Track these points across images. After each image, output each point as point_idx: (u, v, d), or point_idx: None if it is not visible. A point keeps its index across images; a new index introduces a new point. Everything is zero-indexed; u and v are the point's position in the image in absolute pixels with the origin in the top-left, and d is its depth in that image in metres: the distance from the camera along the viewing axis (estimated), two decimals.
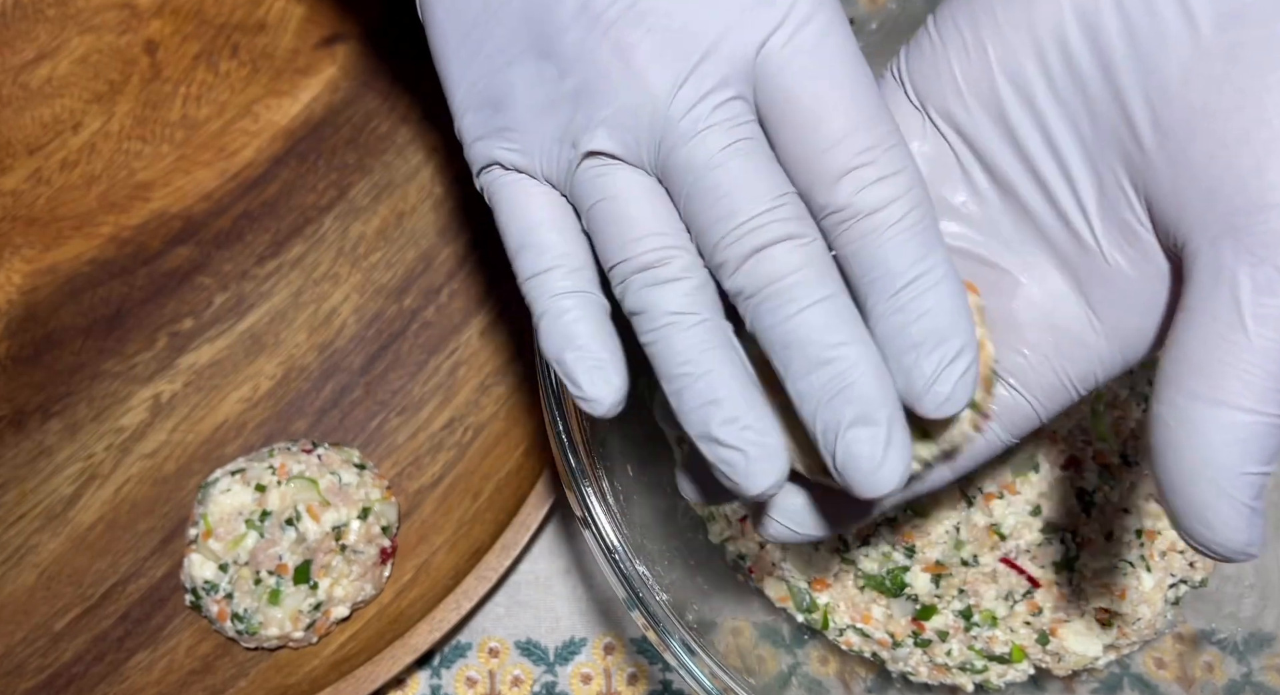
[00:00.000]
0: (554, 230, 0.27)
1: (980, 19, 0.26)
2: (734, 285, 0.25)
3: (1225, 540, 0.23)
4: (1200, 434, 0.23)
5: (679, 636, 0.34)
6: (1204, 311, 0.23)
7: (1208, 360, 0.23)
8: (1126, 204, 0.25)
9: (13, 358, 0.50)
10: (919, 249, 0.24)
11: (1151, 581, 0.41)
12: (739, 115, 0.25)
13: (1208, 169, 0.23)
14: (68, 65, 0.54)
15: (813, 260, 0.24)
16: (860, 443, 0.23)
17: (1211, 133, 0.23)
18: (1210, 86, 0.23)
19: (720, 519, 0.44)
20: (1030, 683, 0.42)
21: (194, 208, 0.52)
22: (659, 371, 0.26)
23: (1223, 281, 0.22)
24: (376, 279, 0.52)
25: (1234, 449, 0.22)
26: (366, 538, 0.45)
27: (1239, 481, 0.22)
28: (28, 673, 0.45)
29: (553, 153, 0.26)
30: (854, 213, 0.24)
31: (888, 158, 0.24)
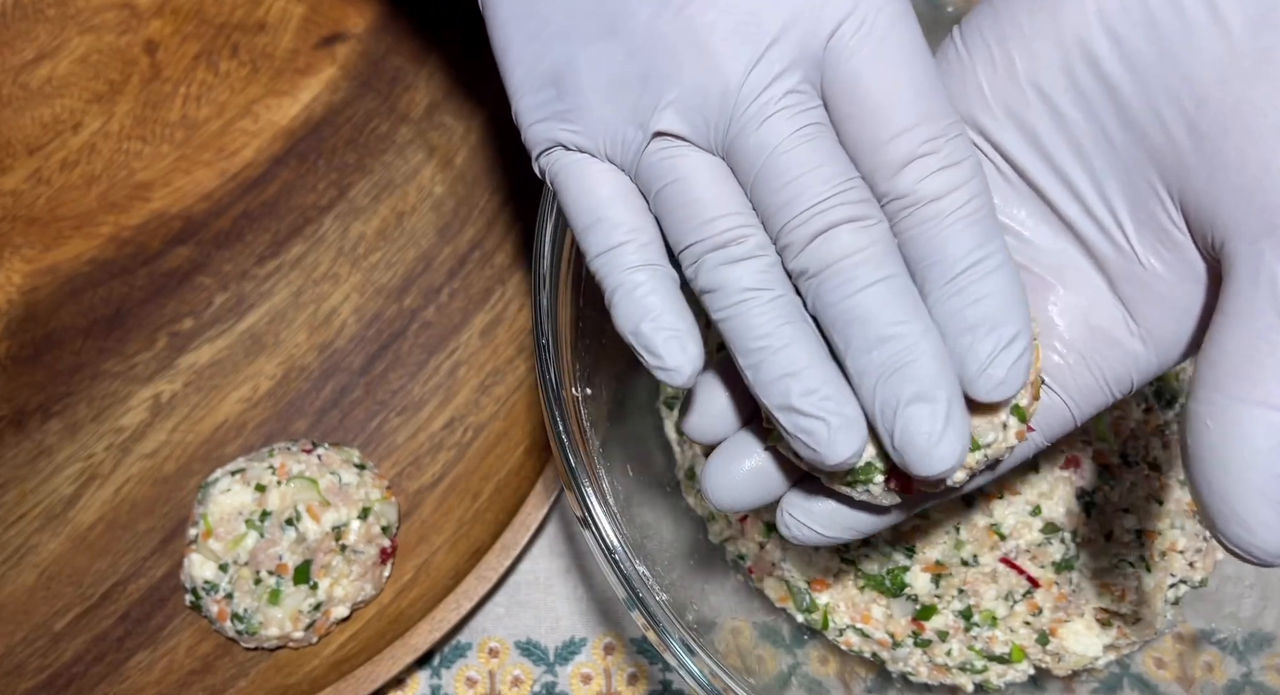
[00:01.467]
0: (622, 206, 0.27)
1: (1006, 30, 0.27)
2: (799, 265, 0.25)
3: (1264, 543, 0.23)
4: (1240, 436, 0.22)
5: (679, 636, 0.34)
6: (1243, 312, 0.23)
7: (1247, 361, 0.22)
8: (1161, 207, 0.25)
9: (13, 358, 0.50)
10: (978, 236, 0.24)
11: (1151, 581, 0.41)
12: (807, 100, 0.25)
13: (1244, 167, 0.23)
14: (68, 65, 0.54)
15: (876, 241, 0.24)
16: (920, 419, 0.24)
17: (1247, 131, 0.23)
18: (1244, 86, 0.23)
19: (720, 519, 0.44)
20: (1030, 683, 0.42)
21: (194, 208, 0.52)
22: (735, 346, 0.26)
23: (1262, 281, 0.22)
24: (376, 279, 0.52)
25: (1277, 451, 0.22)
26: (366, 538, 0.45)
27: (1276, 484, 0.22)
28: (28, 673, 0.45)
29: (619, 134, 0.26)
30: (916, 199, 0.24)
31: (951, 147, 0.24)
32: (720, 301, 0.26)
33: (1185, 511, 0.43)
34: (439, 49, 0.54)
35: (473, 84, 0.54)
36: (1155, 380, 0.44)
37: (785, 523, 0.29)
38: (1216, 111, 0.23)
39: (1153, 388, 0.44)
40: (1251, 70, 0.23)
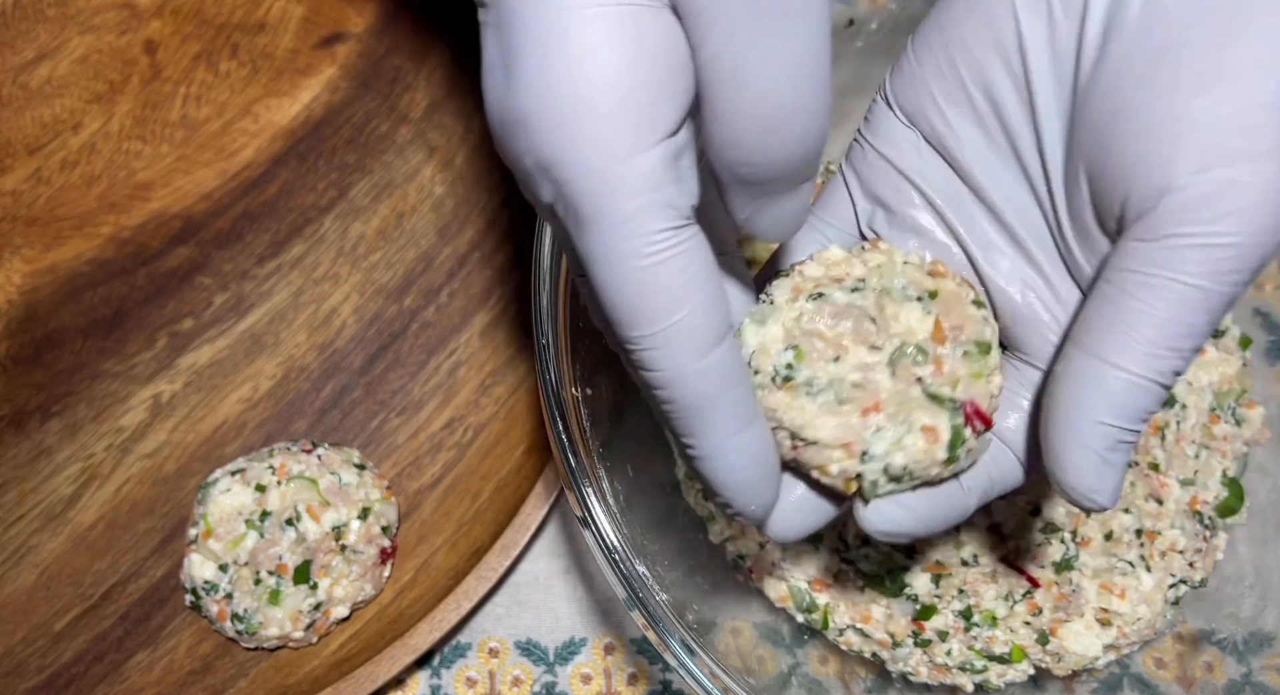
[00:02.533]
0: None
1: (950, 39, 0.28)
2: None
3: (1075, 483, 0.25)
4: (1075, 382, 0.25)
5: (679, 636, 0.34)
6: (1106, 278, 0.25)
7: (1099, 322, 0.25)
8: (1083, 202, 0.27)
9: (13, 358, 0.50)
10: (683, 428, 0.26)
11: (1151, 581, 0.41)
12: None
13: (1127, 159, 0.25)
14: (68, 65, 0.54)
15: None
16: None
17: (1132, 126, 0.24)
18: (1131, 86, 0.25)
19: (720, 519, 0.44)
20: (1030, 683, 0.42)
21: (194, 208, 0.52)
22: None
23: (1125, 252, 0.25)
24: (376, 279, 0.52)
25: (1100, 400, 0.25)
26: (366, 538, 0.45)
27: (1095, 429, 0.25)
28: (28, 673, 0.45)
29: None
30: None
31: (645, 356, 0.25)
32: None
33: (1185, 511, 0.43)
34: (439, 49, 0.54)
35: (473, 84, 0.54)
36: None
37: (866, 518, 0.29)
38: (1110, 107, 0.25)
39: None
40: (1142, 69, 0.24)
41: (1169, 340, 0.24)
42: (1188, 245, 0.24)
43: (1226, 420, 0.44)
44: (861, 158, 0.30)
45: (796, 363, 0.28)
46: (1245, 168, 0.23)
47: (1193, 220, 0.23)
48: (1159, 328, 0.24)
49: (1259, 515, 0.44)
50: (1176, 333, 0.24)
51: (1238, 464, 0.44)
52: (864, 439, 0.27)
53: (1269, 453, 0.44)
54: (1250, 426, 0.45)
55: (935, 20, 0.28)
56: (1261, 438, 0.45)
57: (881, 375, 0.27)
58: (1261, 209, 0.23)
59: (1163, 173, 0.24)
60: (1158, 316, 0.24)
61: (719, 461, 0.26)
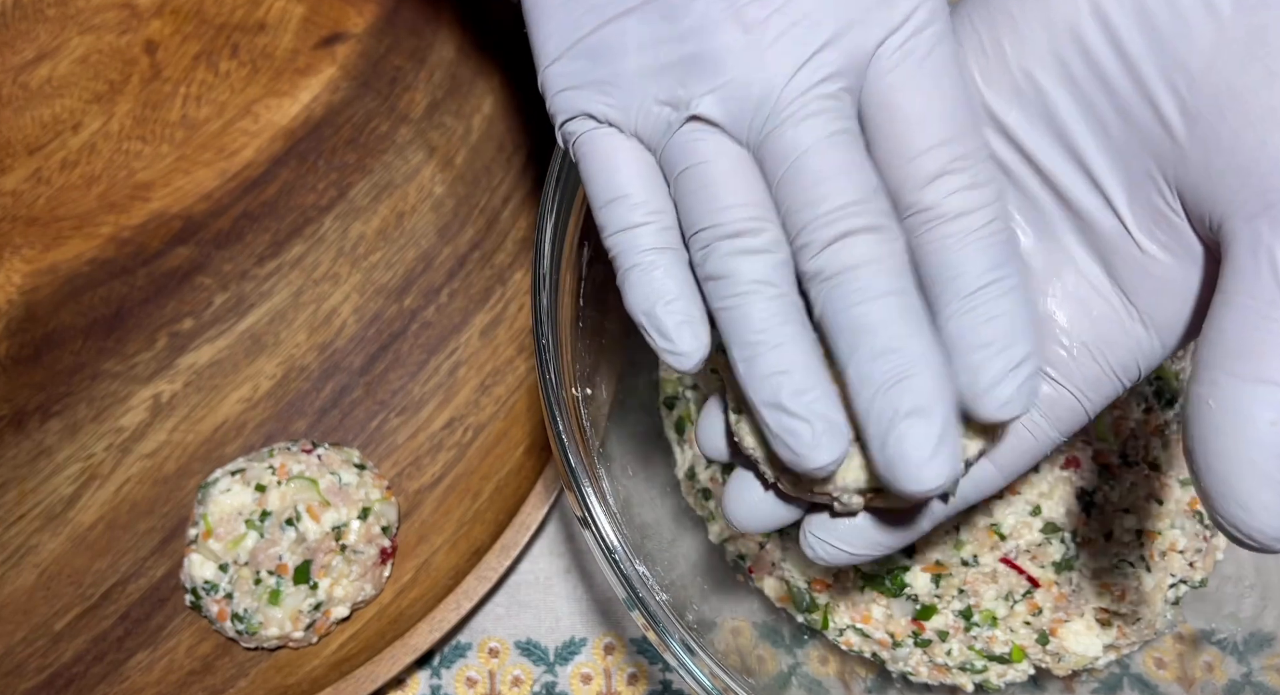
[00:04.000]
0: (645, 186, 0.27)
1: (997, 18, 0.27)
2: (814, 266, 0.25)
3: (1263, 525, 0.22)
4: (1242, 414, 0.22)
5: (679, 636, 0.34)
6: (1243, 290, 0.23)
7: (1249, 340, 0.22)
8: (1157, 191, 0.25)
9: (13, 358, 0.50)
10: (997, 256, 0.25)
11: (1151, 581, 0.41)
12: (845, 106, 0.25)
13: (1239, 148, 0.23)
14: (68, 65, 0.54)
15: (893, 254, 0.25)
16: (913, 433, 0.23)
17: (1241, 112, 0.23)
18: (1236, 67, 0.23)
19: (720, 519, 0.44)
20: (1030, 683, 0.42)
21: (194, 208, 0.52)
22: (731, 337, 0.26)
23: (1261, 258, 0.22)
24: (376, 279, 0.52)
25: (1274, 430, 0.22)
26: (366, 538, 0.45)
27: (1277, 464, 0.22)
28: (28, 673, 0.45)
29: (652, 112, 0.26)
30: (940, 214, 0.25)
31: (977, 168, 0.25)
32: (724, 290, 0.25)
33: (1185, 511, 0.43)
34: (439, 49, 0.54)
35: (473, 84, 0.54)
36: (1155, 380, 0.44)
37: (809, 544, 0.29)
38: (1210, 94, 0.23)
39: (1153, 388, 0.44)
40: (1243, 52, 0.23)
41: None
42: None
43: None
44: None
45: None
46: None
47: None
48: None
49: None
50: None
51: None
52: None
53: None
54: None
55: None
56: None
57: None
58: None
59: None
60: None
61: (1027, 288, 0.25)
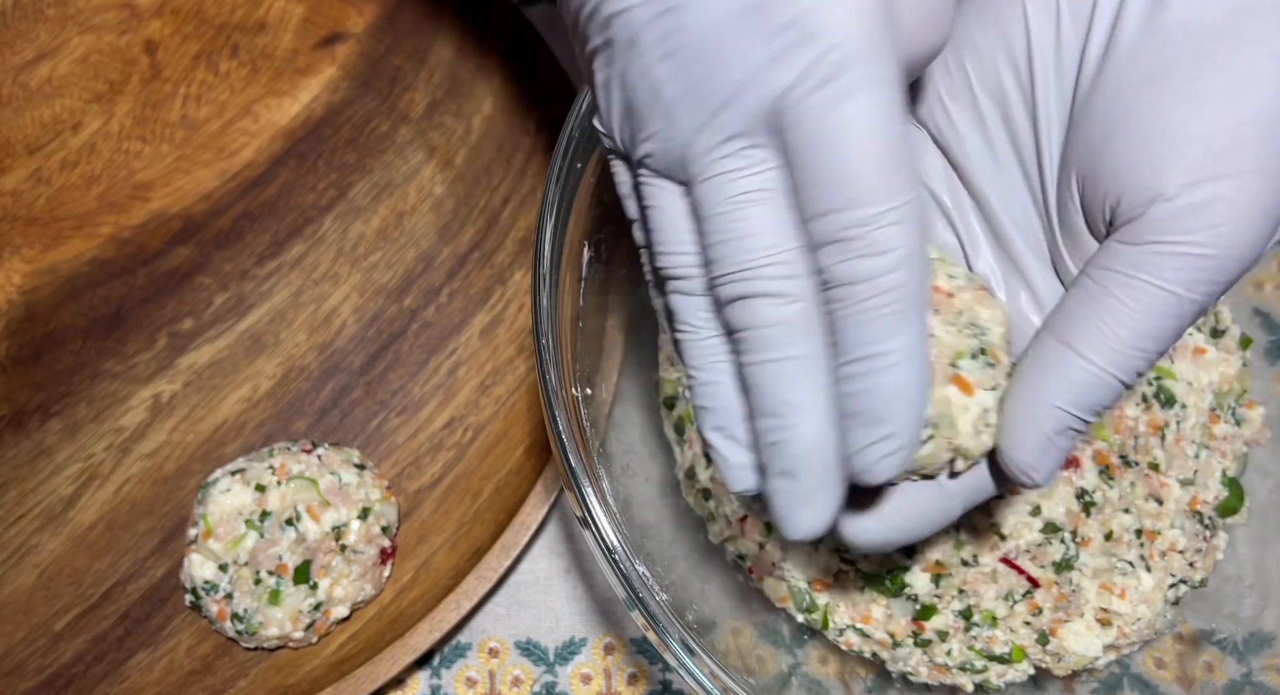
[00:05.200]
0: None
1: (960, 43, 0.28)
2: (723, 318, 0.26)
3: (1015, 456, 0.26)
4: (1040, 365, 0.26)
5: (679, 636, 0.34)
6: (1089, 274, 0.26)
7: (1074, 312, 0.26)
8: (1075, 209, 0.28)
9: (13, 358, 0.50)
10: (884, 329, 0.24)
11: (1151, 581, 0.41)
12: (756, 164, 0.25)
13: (1120, 168, 0.26)
14: (68, 65, 0.54)
15: (791, 319, 0.25)
16: (779, 493, 0.25)
17: (1128, 137, 0.26)
18: (1130, 98, 0.26)
19: (720, 519, 0.44)
20: (1030, 683, 0.42)
21: (194, 208, 0.52)
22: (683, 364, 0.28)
23: (1108, 253, 0.26)
24: (376, 279, 0.52)
25: (1059, 385, 0.26)
26: (366, 538, 0.45)
27: (1050, 411, 0.26)
28: (28, 673, 0.45)
29: (620, 153, 0.28)
30: (830, 280, 0.24)
31: (881, 235, 0.24)
32: (671, 323, 0.27)
33: (1185, 511, 0.43)
34: (439, 49, 0.54)
35: (473, 84, 0.54)
36: (1155, 380, 0.44)
37: (847, 531, 0.29)
38: (1107, 118, 0.26)
39: (1152, 388, 0.44)
40: (1140, 82, 0.25)
41: (1137, 340, 0.25)
42: (1169, 252, 0.25)
43: (1226, 420, 0.44)
44: None
45: None
46: (1231, 183, 0.24)
47: (1176, 229, 0.25)
48: (1130, 327, 0.25)
49: (1259, 515, 0.44)
50: (1145, 334, 0.25)
51: (1238, 464, 0.44)
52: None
53: (1269, 453, 0.44)
54: (1250, 426, 0.45)
55: None
56: (1261, 438, 0.45)
57: None
58: (1241, 224, 0.24)
59: (1154, 182, 0.25)
60: (1131, 316, 0.25)
61: (917, 364, 0.25)
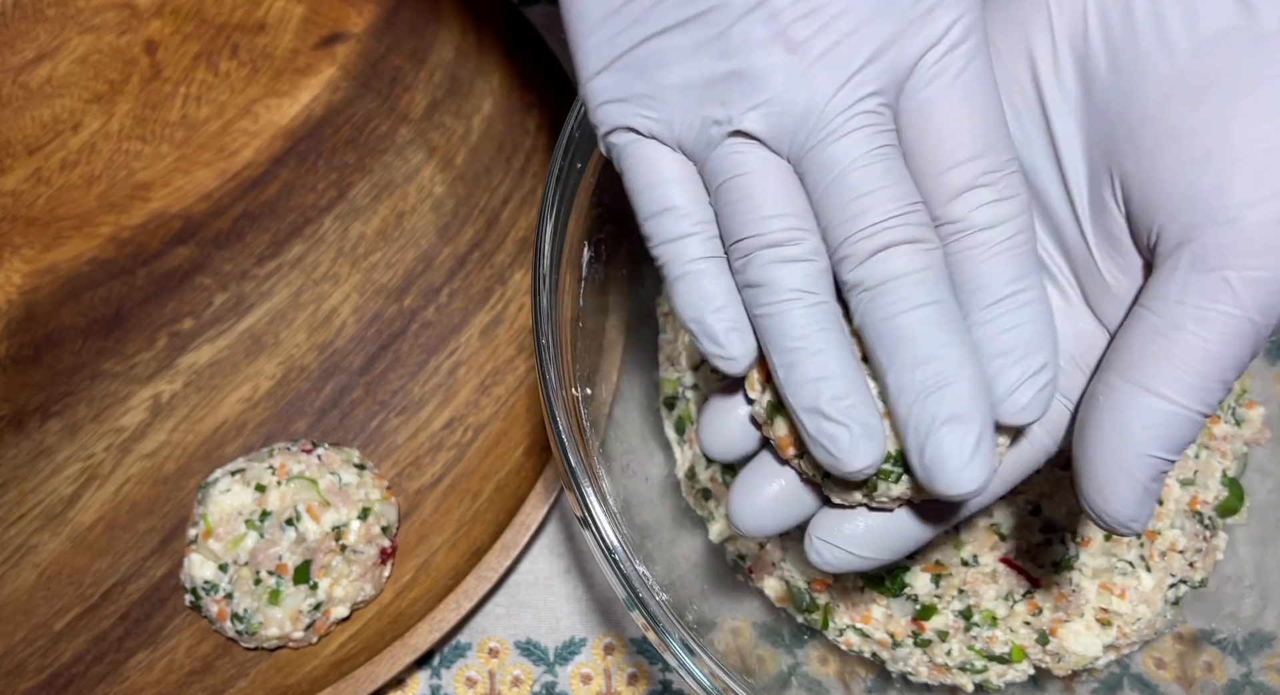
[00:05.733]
0: (690, 197, 0.28)
1: None
2: (855, 277, 0.26)
3: (1115, 511, 0.26)
4: (1121, 414, 0.25)
5: (679, 636, 0.34)
6: (1153, 308, 0.25)
7: (1145, 351, 0.25)
8: (1111, 215, 0.27)
9: (13, 358, 0.50)
10: (1020, 268, 0.26)
11: (1151, 581, 0.41)
12: (885, 121, 0.26)
13: (1174, 183, 0.25)
14: (68, 65, 0.54)
15: (932, 265, 0.25)
16: (953, 439, 0.25)
17: (1181, 151, 0.25)
18: (1184, 109, 0.25)
19: (720, 519, 0.44)
20: (1030, 683, 0.42)
21: (194, 208, 0.52)
22: (771, 344, 0.27)
23: (1174, 283, 0.25)
24: (376, 279, 0.52)
25: (1148, 432, 0.25)
26: (366, 538, 0.45)
27: (1143, 462, 0.25)
28: (28, 673, 0.45)
29: (695, 126, 0.27)
30: (968, 227, 0.26)
31: (1005, 182, 0.26)
32: (765, 298, 0.26)
33: (1185, 511, 0.43)
34: (439, 49, 0.54)
35: (473, 84, 0.54)
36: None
37: (815, 549, 0.29)
38: (1155, 130, 0.25)
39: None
40: (1191, 94, 0.25)
41: (1220, 373, 0.24)
42: (1244, 279, 0.24)
43: (1226, 420, 0.44)
44: None
45: None
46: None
47: (1249, 252, 0.24)
48: (1211, 361, 0.24)
49: (1259, 515, 0.44)
50: (1226, 366, 0.24)
51: (1238, 464, 0.44)
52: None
53: (1269, 453, 0.44)
54: (1250, 426, 0.45)
55: None
56: (1261, 438, 0.45)
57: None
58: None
59: (1215, 200, 0.24)
60: (1210, 350, 0.24)
61: (1048, 300, 0.26)
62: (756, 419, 0.30)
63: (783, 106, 0.26)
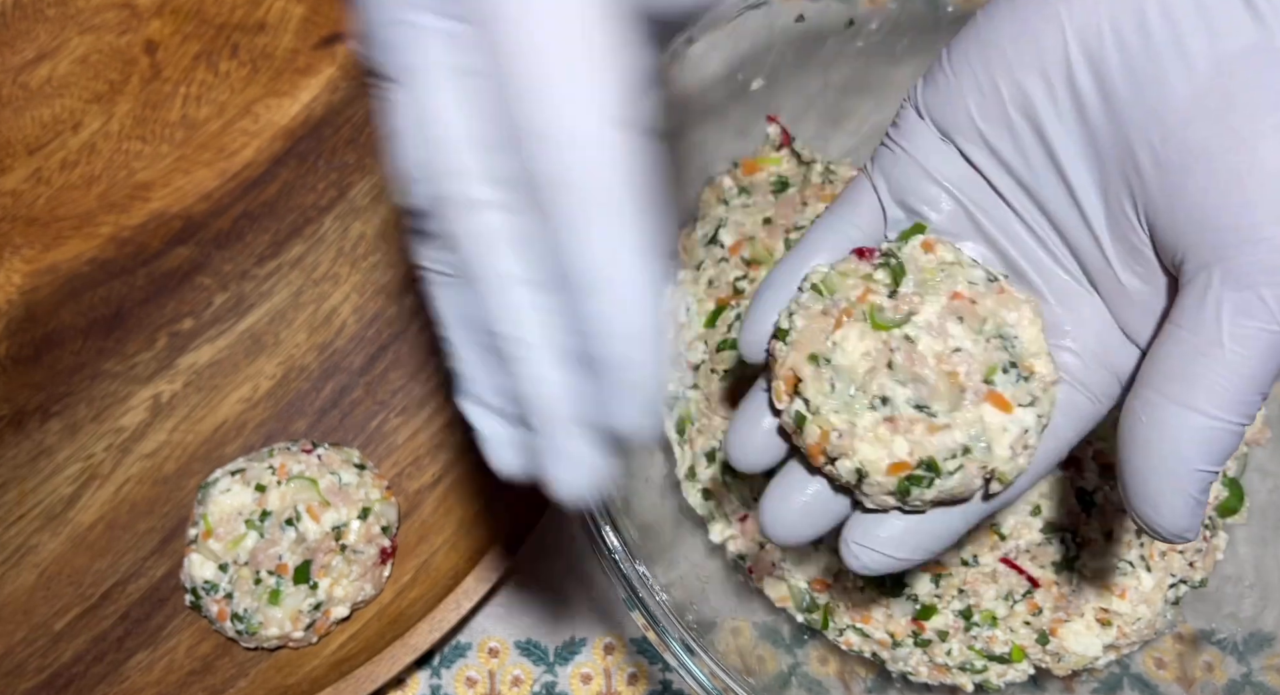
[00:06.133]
0: None
1: (991, 57, 0.28)
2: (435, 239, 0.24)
3: (1169, 525, 0.26)
4: (1167, 431, 0.26)
5: (679, 636, 0.34)
6: (1188, 326, 0.25)
7: (1185, 368, 0.25)
8: (1131, 228, 0.27)
9: (13, 358, 0.50)
10: (608, 241, 0.21)
11: (1151, 581, 0.41)
12: (443, 35, 0.21)
13: (1203, 203, 0.25)
14: (68, 65, 0.54)
15: (496, 231, 0.22)
16: (540, 452, 0.25)
17: (1208, 171, 0.25)
18: (1208, 127, 0.25)
19: (720, 519, 0.44)
20: (1030, 683, 0.42)
21: (194, 208, 0.52)
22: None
23: (1209, 302, 0.25)
24: (376, 279, 0.52)
25: (1194, 448, 0.25)
26: (366, 538, 0.45)
27: (1193, 476, 0.26)
28: (28, 673, 0.45)
29: None
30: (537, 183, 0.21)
31: (587, 126, 0.20)
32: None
33: None
34: None
35: None
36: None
37: (853, 553, 0.29)
38: (1181, 148, 0.25)
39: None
40: (1214, 112, 0.25)
41: (1258, 386, 0.25)
42: (1277, 296, 0.24)
43: None
44: (893, 163, 0.30)
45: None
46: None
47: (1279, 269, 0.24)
48: (1249, 375, 0.25)
49: (1259, 515, 0.44)
50: (1264, 378, 0.25)
51: (1238, 464, 0.44)
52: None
53: (1269, 453, 0.44)
54: (1250, 426, 0.45)
55: (976, 35, 0.28)
56: (1261, 438, 0.45)
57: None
58: None
59: (1246, 219, 0.24)
60: (1249, 365, 0.25)
61: (649, 288, 0.22)
62: (785, 428, 0.30)
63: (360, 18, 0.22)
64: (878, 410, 0.27)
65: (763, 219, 0.46)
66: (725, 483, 0.43)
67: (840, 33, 0.45)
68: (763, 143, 0.49)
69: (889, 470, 0.27)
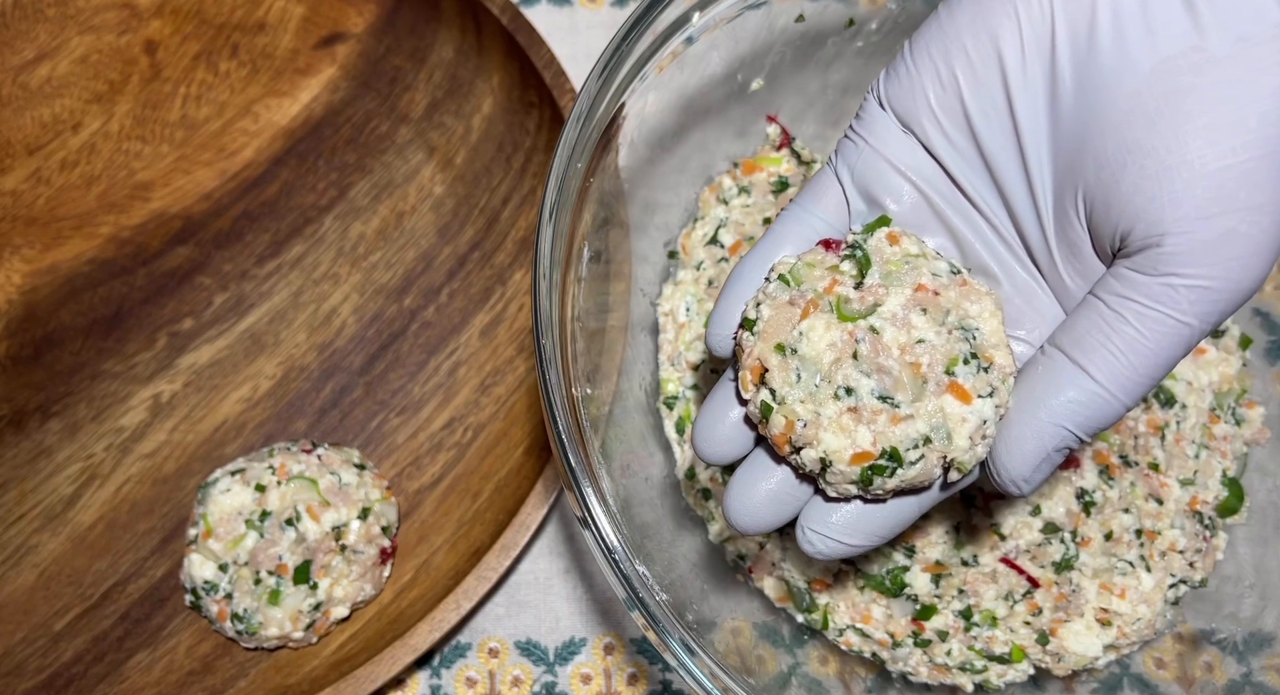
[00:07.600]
0: None
1: (951, 50, 0.28)
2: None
3: (1012, 469, 0.28)
4: (1052, 384, 0.27)
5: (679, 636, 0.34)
6: (1104, 298, 0.27)
7: (1089, 335, 0.27)
8: (1070, 224, 0.28)
9: (13, 358, 0.50)
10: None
11: (1151, 581, 0.41)
12: None
13: (1134, 196, 0.26)
14: (68, 65, 0.54)
15: None
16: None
17: (1141, 167, 0.26)
18: (1144, 126, 0.26)
19: (720, 519, 0.44)
20: (1030, 683, 0.42)
21: (194, 208, 0.52)
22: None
23: (1124, 280, 0.27)
24: (376, 279, 0.52)
25: (1069, 406, 0.27)
26: (366, 538, 0.45)
27: (1055, 431, 0.27)
28: (28, 673, 0.45)
29: None
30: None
31: None
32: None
33: (1185, 511, 0.43)
34: (439, 49, 0.54)
35: (472, 84, 0.54)
36: None
37: (807, 539, 0.30)
38: (1117, 145, 0.26)
39: None
40: (1150, 111, 0.26)
41: (1149, 369, 0.26)
42: (1188, 286, 0.26)
43: (1226, 420, 0.44)
44: (856, 154, 0.31)
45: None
46: (1245, 218, 0.25)
47: (1194, 262, 0.25)
48: (1143, 355, 0.26)
49: (1259, 515, 0.44)
50: (1157, 362, 0.26)
51: (1238, 464, 0.44)
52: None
53: (1269, 453, 0.44)
54: (1250, 426, 0.45)
55: (936, 28, 0.29)
56: (1261, 438, 0.45)
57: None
58: (1253, 259, 0.25)
59: (1169, 213, 0.26)
60: (1145, 344, 0.26)
61: None
62: (751, 418, 0.30)
63: None
64: (842, 400, 0.28)
65: (763, 219, 0.46)
66: (725, 482, 0.43)
67: (840, 33, 0.45)
68: (763, 143, 0.49)
69: (852, 460, 0.28)
